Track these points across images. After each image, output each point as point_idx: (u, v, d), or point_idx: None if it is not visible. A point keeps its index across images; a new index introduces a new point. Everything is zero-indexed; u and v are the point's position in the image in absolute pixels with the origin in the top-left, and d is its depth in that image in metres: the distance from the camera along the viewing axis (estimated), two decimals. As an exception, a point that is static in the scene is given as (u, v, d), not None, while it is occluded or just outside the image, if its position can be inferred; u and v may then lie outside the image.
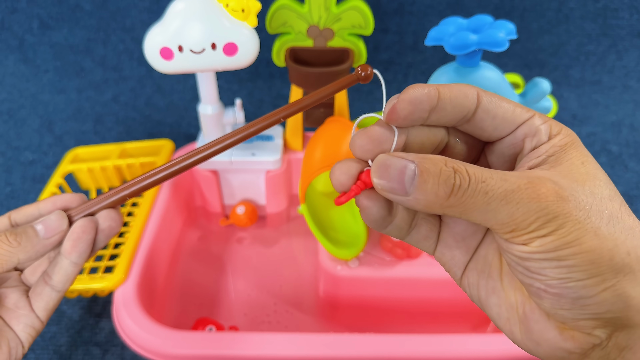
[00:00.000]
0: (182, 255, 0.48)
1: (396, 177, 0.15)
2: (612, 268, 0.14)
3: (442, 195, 0.15)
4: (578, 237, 0.14)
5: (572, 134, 0.17)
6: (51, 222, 0.22)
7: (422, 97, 0.16)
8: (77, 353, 0.40)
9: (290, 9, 0.41)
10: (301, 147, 0.50)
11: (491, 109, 0.17)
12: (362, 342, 0.33)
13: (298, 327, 0.41)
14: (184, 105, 0.70)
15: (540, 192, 0.14)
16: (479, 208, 0.15)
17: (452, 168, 0.15)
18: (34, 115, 0.68)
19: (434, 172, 0.15)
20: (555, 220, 0.14)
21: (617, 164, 0.61)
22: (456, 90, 0.17)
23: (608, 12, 0.66)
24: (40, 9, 0.68)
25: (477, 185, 0.15)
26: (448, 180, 0.15)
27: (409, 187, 0.15)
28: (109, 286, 0.37)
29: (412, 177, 0.15)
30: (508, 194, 0.15)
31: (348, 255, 0.39)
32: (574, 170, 0.16)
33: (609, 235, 0.15)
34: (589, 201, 0.15)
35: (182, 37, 0.37)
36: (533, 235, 0.15)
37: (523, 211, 0.14)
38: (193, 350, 0.33)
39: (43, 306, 0.22)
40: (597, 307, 0.15)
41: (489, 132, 0.17)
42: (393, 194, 0.16)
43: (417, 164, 0.15)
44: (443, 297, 0.40)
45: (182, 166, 0.22)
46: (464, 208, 0.15)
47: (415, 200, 0.15)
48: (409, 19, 0.66)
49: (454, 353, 0.33)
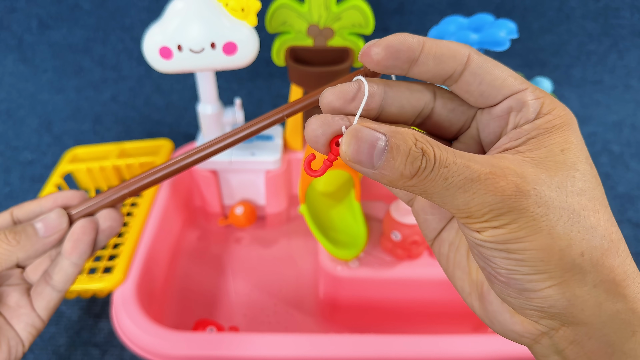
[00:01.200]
0: (182, 256, 0.48)
1: (366, 150, 0.15)
2: (561, 267, 0.14)
3: (406, 175, 0.14)
4: (530, 233, 0.14)
5: (566, 116, 0.16)
6: (51, 220, 0.22)
7: (400, 46, 0.16)
8: (76, 354, 0.40)
9: (290, 8, 0.41)
10: (301, 147, 0.49)
11: (479, 73, 0.16)
12: (362, 342, 0.33)
13: (298, 327, 0.41)
14: (183, 105, 0.70)
15: (499, 185, 0.14)
16: (438, 192, 0.15)
17: (420, 149, 0.14)
18: (33, 114, 0.68)
19: (404, 150, 0.14)
20: (510, 214, 0.14)
21: (619, 164, 0.61)
22: (445, 47, 0.16)
23: (609, 11, 0.66)
24: (39, 8, 0.67)
25: (440, 170, 0.14)
26: (415, 161, 0.14)
27: (376, 161, 0.14)
28: (108, 287, 0.37)
29: (382, 151, 0.14)
30: (467, 182, 0.14)
31: (348, 256, 0.38)
32: (549, 157, 0.15)
33: (564, 235, 0.14)
34: (552, 196, 0.14)
35: (182, 36, 0.36)
36: (486, 225, 0.15)
37: (478, 202, 0.14)
38: (193, 351, 0.33)
39: (44, 305, 0.22)
40: (541, 301, 0.15)
41: (475, 98, 0.17)
42: (359, 165, 0.15)
43: (387, 139, 0.14)
44: (443, 298, 0.40)
45: (182, 165, 0.22)
46: (424, 189, 0.15)
47: (381, 174, 0.15)
48: (409, 18, 0.65)
49: (454, 354, 0.33)
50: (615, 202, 0.56)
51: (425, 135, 0.15)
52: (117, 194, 0.22)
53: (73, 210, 0.23)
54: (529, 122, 0.16)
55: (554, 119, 0.16)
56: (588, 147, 0.16)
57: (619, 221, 0.53)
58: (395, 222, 0.37)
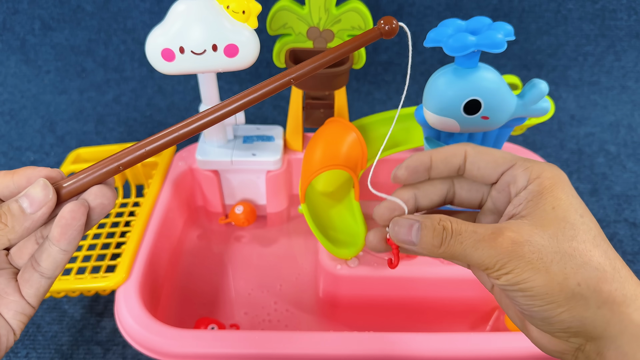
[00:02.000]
0: (184, 255, 0.48)
1: (406, 232, 0.21)
2: (564, 297, 0.18)
3: (436, 244, 0.20)
4: (531, 274, 0.19)
5: (553, 177, 0.20)
6: (35, 194, 0.19)
7: (416, 163, 0.22)
8: (79, 352, 0.41)
9: (291, 11, 0.42)
10: (301, 148, 0.50)
11: (476, 161, 0.22)
12: (362, 340, 0.34)
13: (298, 325, 0.41)
14: (185, 106, 0.70)
15: (497, 241, 0.19)
16: (460, 253, 0.20)
17: (442, 225, 0.20)
18: (36, 115, 0.69)
19: (431, 227, 0.20)
20: (512, 262, 0.19)
21: (615, 164, 0.61)
22: (447, 151, 0.22)
23: (606, 13, 0.66)
24: (42, 10, 0.68)
25: (456, 238, 0.20)
26: (439, 234, 0.20)
27: (414, 238, 0.21)
28: (111, 285, 0.37)
29: (417, 231, 0.21)
30: (476, 243, 0.19)
31: (348, 255, 0.39)
32: (543, 216, 0.19)
33: (559, 272, 0.18)
34: (545, 244, 0.19)
35: (184, 38, 0.37)
36: (499, 273, 0.19)
37: (487, 255, 0.19)
38: (195, 349, 0.33)
39: (33, 292, 0.21)
40: (560, 324, 0.19)
41: (480, 179, 0.22)
42: (405, 244, 0.21)
43: (420, 222, 0.21)
44: (442, 296, 0.41)
45: (178, 135, 0.20)
46: (451, 253, 0.20)
47: (421, 248, 0.21)
48: (408, 21, 0.66)
49: (452, 351, 0.33)
50: (612, 202, 0.56)
51: (447, 216, 0.20)
52: (110, 165, 0.20)
53: (62, 183, 0.20)
54: (523, 189, 0.20)
55: (542, 181, 0.20)
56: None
57: (616, 221, 0.54)
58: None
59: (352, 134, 0.42)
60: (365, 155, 0.42)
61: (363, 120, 0.46)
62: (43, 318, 0.43)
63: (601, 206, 0.55)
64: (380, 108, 0.69)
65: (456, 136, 0.37)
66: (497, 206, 0.22)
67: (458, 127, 0.33)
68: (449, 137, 0.37)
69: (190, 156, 0.50)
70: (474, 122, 0.33)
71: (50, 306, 0.44)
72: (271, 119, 0.69)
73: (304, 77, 0.22)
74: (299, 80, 0.22)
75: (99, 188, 0.20)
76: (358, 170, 0.42)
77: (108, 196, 0.20)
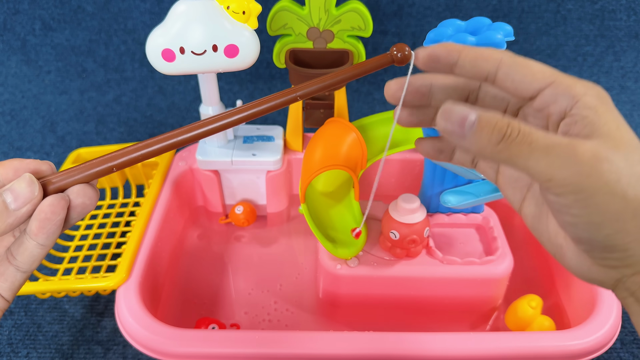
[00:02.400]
0: (184, 255, 0.48)
1: (457, 122, 0.18)
2: (636, 225, 0.17)
3: (493, 142, 0.17)
4: (607, 198, 0.17)
5: (602, 96, 0.18)
6: (20, 190, 0.19)
7: (441, 53, 0.20)
8: (79, 352, 0.41)
9: (291, 11, 0.42)
10: (301, 148, 0.50)
11: (510, 73, 0.19)
12: (362, 340, 0.34)
13: (298, 325, 0.41)
14: (186, 106, 0.70)
15: (578, 151, 0.17)
16: (523, 156, 0.17)
17: (507, 121, 0.17)
18: (36, 116, 0.69)
19: (492, 121, 0.17)
20: (588, 179, 0.16)
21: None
22: (479, 52, 0.20)
23: (605, 13, 0.66)
24: (43, 11, 0.68)
25: (524, 137, 0.17)
26: (501, 129, 0.17)
27: (467, 131, 0.18)
28: (111, 285, 0.37)
29: (472, 123, 0.18)
30: (549, 147, 0.17)
31: (347, 255, 0.39)
32: (611, 135, 0.17)
33: (635, 198, 0.17)
34: (622, 165, 0.17)
35: (184, 38, 0.37)
36: (566, 190, 0.17)
37: (559, 164, 0.17)
38: (195, 349, 0.33)
39: (8, 287, 0.20)
40: (622, 254, 0.17)
41: (512, 92, 0.19)
42: (453, 135, 0.18)
43: (478, 115, 0.18)
44: (442, 295, 0.41)
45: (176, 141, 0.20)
46: (510, 154, 0.17)
47: (470, 143, 0.18)
48: (407, 21, 0.66)
49: (452, 351, 0.34)
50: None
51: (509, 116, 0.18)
52: (103, 165, 0.19)
53: (51, 178, 0.19)
54: (571, 108, 0.18)
55: (592, 100, 0.18)
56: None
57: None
58: (394, 222, 0.38)
59: (352, 134, 0.42)
60: (365, 156, 0.42)
61: (363, 120, 0.47)
62: (44, 318, 0.43)
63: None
64: (380, 108, 0.69)
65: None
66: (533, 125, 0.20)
67: (457, 127, 0.33)
68: (448, 137, 0.37)
69: (191, 156, 0.50)
70: (474, 122, 0.33)
71: (50, 306, 0.44)
72: (271, 119, 0.69)
73: (310, 95, 0.21)
74: (304, 98, 0.22)
75: (82, 187, 0.20)
76: (358, 170, 0.42)
77: (90, 196, 0.20)
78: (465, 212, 0.43)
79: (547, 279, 0.45)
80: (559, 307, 0.42)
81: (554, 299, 0.43)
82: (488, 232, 0.42)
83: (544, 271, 0.46)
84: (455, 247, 0.42)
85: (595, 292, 0.37)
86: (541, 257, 0.47)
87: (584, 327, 0.35)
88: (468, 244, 0.42)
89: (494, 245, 0.41)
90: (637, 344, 0.42)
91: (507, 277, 0.41)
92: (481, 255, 0.41)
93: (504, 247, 0.40)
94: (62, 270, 0.42)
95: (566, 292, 0.42)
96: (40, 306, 0.44)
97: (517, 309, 0.39)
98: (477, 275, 0.39)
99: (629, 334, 0.42)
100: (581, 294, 0.39)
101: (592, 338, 0.34)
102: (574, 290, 0.41)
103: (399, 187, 0.52)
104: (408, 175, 0.51)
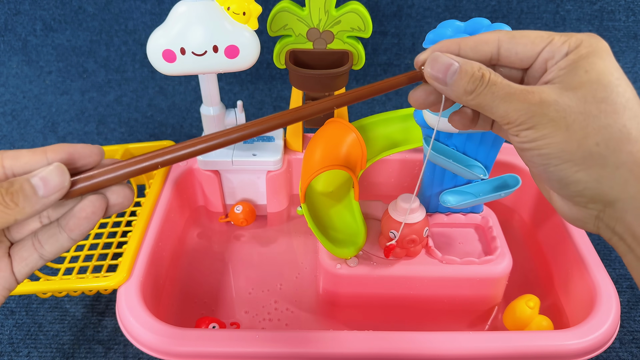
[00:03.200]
0: (184, 254, 0.48)
1: (442, 70, 0.21)
2: (581, 155, 0.19)
3: (468, 90, 0.20)
4: (552, 132, 0.19)
5: (590, 45, 0.20)
6: (50, 179, 0.19)
7: (442, 50, 0.22)
8: (80, 351, 0.41)
9: (291, 12, 0.42)
10: (301, 148, 0.50)
11: (511, 47, 0.21)
12: (361, 339, 0.34)
13: (298, 324, 0.42)
14: (186, 107, 0.71)
15: (528, 97, 0.19)
16: (487, 104, 0.20)
17: (481, 73, 0.20)
18: (37, 116, 0.69)
19: (470, 72, 0.20)
20: (535, 117, 0.19)
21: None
22: (475, 39, 0.22)
23: (604, 14, 0.67)
24: (44, 11, 0.68)
25: (490, 87, 0.20)
26: (476, 80, 0.20)
27: (449, 79, 0.21)
28: (112, 284, 0.38)
29: (454, 72, 0.20)
30: (507, 96, 0.20)
31: (347, 254, 0.39)
32: (575, 79, 0.19)
33: (579, 130, 0.19)
34: (571, 104, 0.19)
35: (185, 39, 0.37)
36: (520, 128, 0.20)
37: (513, 108, 0.20)
38: (195, 348, 0.34)
39: (26, 271, 0.20)
40: (576, 185, 0.19)
41: (518, 64, 0.22)
42: (436, 82, 0.21)
43: (460, 64, 0.20)
44: (440, 295, 0.41)
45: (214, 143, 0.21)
46: (478, 102, 0.20)
47: (451, 90, 0.21)
48: (407, 22, 0.66)
49: (451, 350, 0.34)
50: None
51: (485, 66, 0.20)
52: (147, 162, 0.20)
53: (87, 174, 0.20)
54: (561, 59, 0.20)
55: (581, 50, 0.20)
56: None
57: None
58: (394, 221, 0.38)
59: (351, 134, 0.43)
60: (364, 156, 0.42)
61: (362, 120, 0.47)
62: (45, 317, 0.43)
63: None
64: (379, 109, 0.69)
65: (455, 136, 0.37)
66: (532, 84, 0.22)
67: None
68: (447, 137, 0.38)
69: (191, 156, 0.50)
70: (473, 122, 0.33)
71: (51, 305, 0.44)
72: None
73: (347, 105, 0.23)
74: (340, 106, 0.23)
75: (122, 188, 0.20)
76: (358, 171, 0.42)
77: (129, 198, 0.21)
78: (464, 212, 0.44)
79: (546, 279, 0.45)
80: (557, 306, 0.42)
81: (552, 299, 0.43)
82: (487, 231, 0.43)
83: (542, 271, 0.46)
84: (454, 247, 0.42)
85: (594, 291, 0.37)
86: (540, 257, 0.47)
87: (583, 326, 0.35)
88: (467, 244, 0.42)
89: (493, 245, 0.41)
90: (636, 344, 0.42)
91: (506, 277, 0.41)
92: (480, 255, 0.41)
93: (502, 247, 0.41)
94: (63, 269, 0.42)
95: (565, 291, 0.42)
96: (41, 306, 0.44)
97: (515, 309, 0.39)
98: (476, 274, 0.39)
99: (627, 333, 0.42)
100: (580, 293, 0.39)
101: (590, 337, 0.34)
102: (573, 290, 0.41)
103: (399, 187, 0.52)
104: (408, 175, 0.51)
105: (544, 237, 0.48)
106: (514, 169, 0.50)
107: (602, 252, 0.49)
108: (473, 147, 0.37)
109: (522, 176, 0.39)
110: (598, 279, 0.38)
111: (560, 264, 0.44)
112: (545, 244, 0.47)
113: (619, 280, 0.47)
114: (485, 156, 0.38)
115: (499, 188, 0.39)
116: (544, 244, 0.47)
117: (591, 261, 0.39)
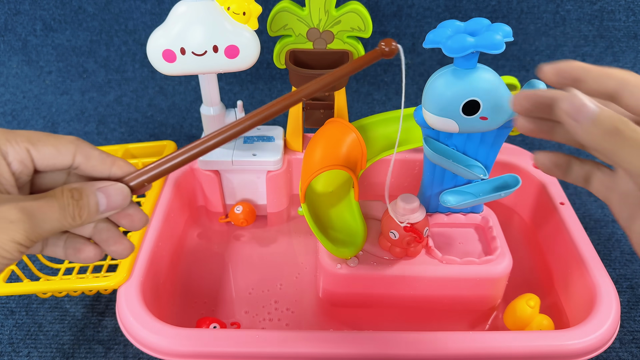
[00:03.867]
0: (184, 254, 0.48)
1: (578, 107, 0.20)
2: None
3: (604, 132, 0.19)
4: None
5: None
6: (116, 198, 0.21)
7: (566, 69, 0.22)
8: (80, 351, 0.41)
9: (291, 12, 0.42)
10: (301, 148, 0.50)
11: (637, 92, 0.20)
12: (361, 339, 0.34)
13: (298, 324, 0.42)
14: (186, 107, 0.71)
15: None
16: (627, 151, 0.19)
17: (622, 118, 0.19)
18: (37, 116, 0.69)
19: (608, 116, 0.19)
20: None
21: (614, 165, 0.61)
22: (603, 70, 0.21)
23: (604, 14, 0.67)
24: (44, 11, 0.68)
25: (633, 133, 0.18)
26: (614, 123, 0.19)
27: (584, 118, 0.19)
28: (112, 284, 0.38)
29: (591, 114, 0.19)
30: None
31: (347, 254, 0.39)
32: None
33: None
34: None
35: (185, 39, 0.37)
36: None
37: None
38: (196, 348, 0.34)
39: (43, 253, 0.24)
40: None
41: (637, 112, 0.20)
42: (569, 117, 0.20)
43: (599, 110, 0.19)
44: (441, 295, 0.41)
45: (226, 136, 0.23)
46: (615, 148, 0.19)
47: (583, 130, 0.20)
48: (407, 22, 0.66)
49: (452, 350, 0.34)
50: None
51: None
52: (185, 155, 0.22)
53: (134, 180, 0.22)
54: None
55: None
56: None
57: (614, 220, 0.54)
58: (394, 221, 0.38)
59: (351, 134, 0.43)
60: (364, 156, 0.42)
61: (362, 120, 0.47)
62: (45, 317, 0.43)
63: (599, 205, 0.56)
64: (379, 109, 0.69)
65: (455, 136, 0.37)
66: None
67: (457, 127, 0.33)
68: (448, 137, 0.38)
69: (191, 156, 0.50)
70: (473, 122, 0.33)
71: (51, 305, 0.44)
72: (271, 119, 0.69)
73: (311, 96, 0.23)
74: (307, 98, 0.23)
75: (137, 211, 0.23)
76: (358, 170, 0.42)
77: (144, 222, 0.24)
78: (464, 212, 0.44)
79: (546, 279, 0.45)
80: (557, 306, 0.42)
81: (552, 299, 0.43)
82: (487, 231, 0.43)
83: (542, 271, 0.46)
84: (454, 247, 0.42)
85: (594, 291, 0.37)
86: (540, 257, 0.47)
87: (583, 326, 0.35)
88: (467, 244, 0.42)
89: (493, 245, 0.41)
90: (636, 344, 0.42)
91: (506, 277, 0.41)
92: (480, 254, 0.41)
93: (503, 247, 0.41)
94: (63, 269, 0.42)
95: (565, 291, 0.42)
96: (41, 306, 0.44)
97: (516, 309, 0.39)
98: (476, 274, 0.39)
99: (627, 333, 0.42)
100: (580, 293, 0.39)
101: (591, 337, 0.34)
102: (573, 289, 0.41)
103: (399, 187, 0.52)
104: (408, 175, 0.51)
105: (544, 237, 0.48)
106: (514, 169, 0.50)
107: (602, 252, 0.49)
108: (473, 147, 0.38)
109: (522, 176, 0.39)
110: (598, 279, 0.38)
111: (560, 263, 0.44)
112: (545, 244, 0.47)
113: (619, 280, 0.47)
114: (485, 156, 0.38)
115: (499, 188, 0.39)
116: (544, 244, 0.48)
117: (591, 261, 0.39)
